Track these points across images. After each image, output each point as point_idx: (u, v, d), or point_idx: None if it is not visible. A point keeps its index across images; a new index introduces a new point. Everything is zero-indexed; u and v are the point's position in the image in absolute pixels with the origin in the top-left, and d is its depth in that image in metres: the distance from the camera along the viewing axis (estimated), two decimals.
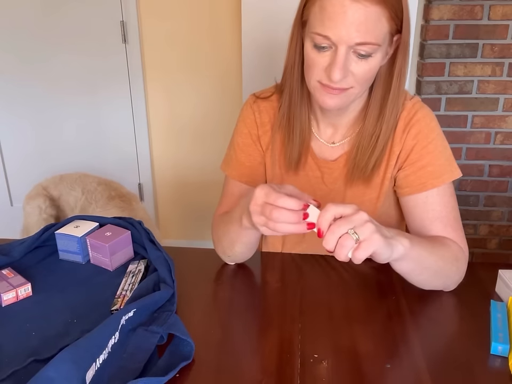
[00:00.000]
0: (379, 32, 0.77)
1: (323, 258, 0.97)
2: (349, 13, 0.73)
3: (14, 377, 0.66)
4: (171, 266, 0.87)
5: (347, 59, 0.78)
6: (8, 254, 0.94)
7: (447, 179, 0.89)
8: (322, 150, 0.98)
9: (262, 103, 1.00)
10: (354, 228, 0.65)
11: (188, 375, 0.67)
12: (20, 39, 2.31)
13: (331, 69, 0.78)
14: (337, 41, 0.76)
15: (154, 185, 2.59)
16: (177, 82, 2.36)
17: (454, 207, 0.91)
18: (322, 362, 0.70)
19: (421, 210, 0.91)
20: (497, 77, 2.11)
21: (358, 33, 0.75)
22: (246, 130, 1.00)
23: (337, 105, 0.84)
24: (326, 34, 0.76)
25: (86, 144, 2.50)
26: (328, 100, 0.83)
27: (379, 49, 0.79)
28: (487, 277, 0.92)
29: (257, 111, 1.00)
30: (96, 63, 2.33)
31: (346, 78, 0.80)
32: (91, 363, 0.63)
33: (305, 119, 0.94)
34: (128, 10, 2.23)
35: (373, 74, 0.83)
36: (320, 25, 0.76)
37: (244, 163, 1.01)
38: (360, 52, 0.77)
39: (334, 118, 0.95)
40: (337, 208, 0.66)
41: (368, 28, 0.75)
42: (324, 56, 0.79)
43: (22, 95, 2.41)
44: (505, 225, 2.35)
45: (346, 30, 0.74)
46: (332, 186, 0.98)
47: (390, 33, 0.80)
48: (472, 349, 0.73)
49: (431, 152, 0.89)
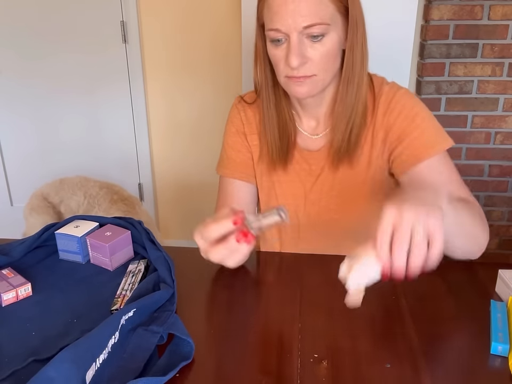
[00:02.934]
0: (324, 12, 0.80)
1: (322, 258, 0.97)
2: (289, 1, 0.79)
3: (14, 377, 0.66)
4: (171, 266, 0.87)
5: (301, 44, 0.82)
6: (8, 254, 0.94)
7: (441, 148, 0.91)
8: (307, 143, 1.00)
9: (247, 106, 1.04)
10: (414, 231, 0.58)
11: (188, 375, 0.67)
12: (20, 39, 2.31)
13: (288, 58, 0.83)
14: (286, 30, 0.81)
15: (154, 185, 2.59)
16: (177, 82, 2.36)
17: (456, 172, 0.93)
18: (322, 362, 0.70)
19: (426, 181, 0.91)
20: (497, 77, 2.11)
21: (302, 17, 0.79)
22: (233, 129, 1.05)
23: (307, 92, 0.88)
24: (276, 28, 0.81)
25: (86, 144, 2.50)
26: (298, 88, 0.87)
27: (330, 28, 0.82)
28: (487, 277, 0.92)
29: (242, 110, 1.04)
30: (96, 63, 2.33)
31: (306, 65, 0.83)
32: (91, 363, 0.63)
33: (287, 116, 0.97)
34: (128, 10, 2.23)
35: (331, 57, 0.85)
36: (270, 21, 0.83)
37: (234, 160, 1.04)
38: (311, 34, 0.81)
39: (314, 110, 0.98)
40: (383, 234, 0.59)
41: (311, 10, 0.79)
42: (282, 50, 0.84)
43: (22, 95, 2.41)
44: (505, 225, 2.35)
45: (292, 18, 0.80)
46: (320, 176, 1.00)
47: (340, 13, 0.83)
48: (472, 349, 0.73)
49: (419, 125, 0.91)
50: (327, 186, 1.00)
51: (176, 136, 2.47)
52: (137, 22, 2.25)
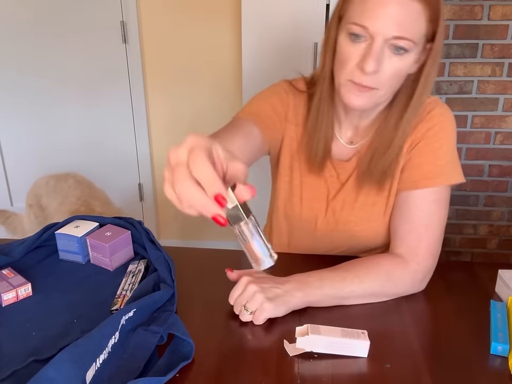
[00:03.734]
0: (417, 30, 0.77)
1: (324, 258, 0.97)
2: (391, 5, 0.74)
3: (14, 377, 0.66)
4: (171, 266, 0.87)
5: (382, 52, 0.77)
6: (8, 254, 0.94)
7: (441, 182, 0.86)
8: (340, 150, 0.97)
9: (297, 92, 0.98)
10: (247, 303, 0.76)
11: (188, 375, 0.67)
12: (20, 39, 2.31)
13: (365, 60, 0.77)
14: (374, 32, 0.76)
15: (154, 185, 2.59)
16: (177, 82, 2.36)
17: (431, 213, 0.87)
18: (323, 363, 0.70)
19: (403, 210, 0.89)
20: (497, 77, 2.11)
21: (397, 26, 0.75)
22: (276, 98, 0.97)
23: (362, 105, 0.83)
24: (363, 24, 0.76)
25: (86, 144, 2.50)
26: (354, 99, 0.82)
27: (413, 48, 0.78)
28: (487, 277, 0.92)
29: (291, 93, 0.97)
30: (96, 63, 2.33)
31: (376, 75, 0.79)
32: (91, 363, 0.63)
33: (330, 120, 0.93)
34: (128, 10, 2.23)
35: (401, 75, 0.81)
36: (359, 15, 0.76)
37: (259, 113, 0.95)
38: (396, 44, 0.76)
39: (357, 120, 0.94)
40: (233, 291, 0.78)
41: (407, 23, 0.75)
42: (358, 49, 0.79)
43: (22, 94, 2.41)
44: (505, 225, 2.35)
45: (386, 22, 0.74)
46: (345, 186, 0.96)
47: (425, 37, 0.79)
48: (472, 349, 0.73)
49: (434, 151, 0.87)
50: (350, 196, 0.96)
51: (176, 136, 2.47)
52: (137, 22, 2.25)
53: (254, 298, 0.76)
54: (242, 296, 0.77)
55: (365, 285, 0.82)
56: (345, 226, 0.97)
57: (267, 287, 0.77)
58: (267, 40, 1.96)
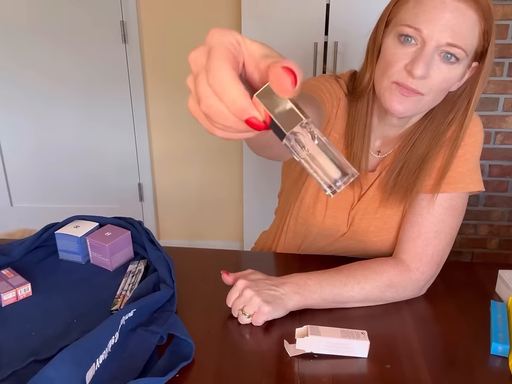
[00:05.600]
0: (470, 41, 0.74)
1: (324, 258, 0.97)
2: (447, 10, 0.72)
3: (14, 377, 0.66)
4: (171, 266, 0.86)
5: (432, 58, 0.75)
6: (8, 254, 0.94)
7: (459, 188, 0.85)
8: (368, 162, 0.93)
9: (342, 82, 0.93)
10: (244, 307, 0.76)
11: (187, 375, 0.67)
12: (19, 39, 2.31)
13: (415, 62, 0.74)
14: (428, 35, 0.73)
15: (154, 185, 2.59)
16: (177, 82, 2.36)
17: (444, 220, 0.85)
18: (323, 363, 0.70)
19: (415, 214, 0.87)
20: (497, 77, 2.11)
21: (451, 32, 0.73)
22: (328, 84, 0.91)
23: (404, 111, 0.80)
24: (418, 27, 0.73)
25: (86, 144, 2.49)
26: (396, 103, 0.79)
27: (464, 59, 0.76)
28: (487, 277, 0.92)
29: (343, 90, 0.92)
30: (96, 63, 2.33)
31: (423, 80, 0.76)
32: (91, 363, 0.63)
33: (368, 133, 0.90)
34: (128, 10, 2.23)
35: (448, 85, 0.79)
36: (414, 17, 0.74)
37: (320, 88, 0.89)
38: (448, 52, 0.74)
39: (388, 129, 0.91)
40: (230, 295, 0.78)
41: (463, 31, 0.73)
42: (407, 52, 0.76)
43: (22, 95, 2.41)
44: (505, 225, 2.35)
45: (441, 27, 0.72)
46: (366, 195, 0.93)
47: (475, 53, 0.77)
48: (472, 349, 0.73)
49: (457, 157, 0.85)
50: (371, 207, 0.93)
51: (176, 136, 2.47)
52: (137, 22, 2.25)
53: (251, 303, 0.76)
54: (239, 300, 0.77)
55: (365, 291, 0.81)
56: (364, 237, 0.94)
57: (264, 290, 0.77)
58: (267, 40, 1.96)
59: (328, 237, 0.98)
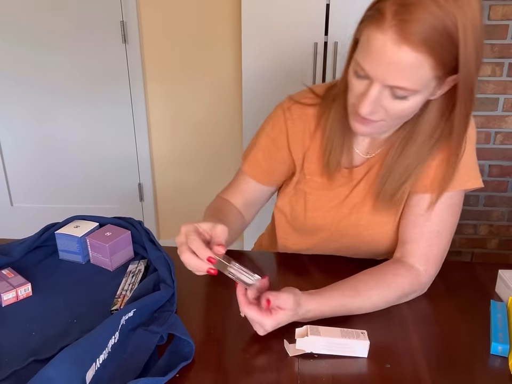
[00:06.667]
0: (419, 79, 0.71)
1: (325, 258, 0.97)
2: (388, 54, 0.69)
3: (14, 377, 0.66)
4: (171, 266, 0.87)
5: (380, 95, 0.74)
6: (8, 254, 0.94)
7: (455, 186, 0.85)
8: (354, 160, 0.93)
9: (298, 110, 0.94)
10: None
11: (187, 375, 0.67)
12: (19, 39, 2.31)
13: (360, 101, 0.76)
14: (373, 77, 0.73)
15: (154, 185, 2.59)
16: (177, 82, 2.36)
17: (444, 219, 0.85)
18: (323, 362, 0.70)
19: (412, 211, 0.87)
20: (497, 77, 2.11)
21: (394, 76, 0.71)
22: (272, 135, 0.96)
23: (367, 133, 0.82)
24: (364, 67, 0.73)
25: (86, 144, 2.49)
26: (358, 126, 0.80)
27: (418, 93, 0.74)
28: (487, 277, 0.92)
29: (289, 119, 0.94)
30: (96, 63, 2.33)
31: (376, 113, 0.76)
32: (91, 363, 0.63)
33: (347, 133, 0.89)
34: (128, 10, 2.23)
35: (409, 113, 0.78)
36: (363, 56, 0.73)
37: (260, 164, 0.97)
38: (395, 93, 0.73)
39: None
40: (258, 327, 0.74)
41: (406, 73, 0.70)
42: (361, 84, 0.76)
43: (22, 95, 2.41)
44: (505, 225, 2.35)
45: (383, 70, 0.71)
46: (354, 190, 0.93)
47: (437, 78, 0.73)
48: (472, 349, 0.73)
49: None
50: (360, 201, 0.93)
51: (176, 136, 2.47)
52: (137, 22, 2.25)
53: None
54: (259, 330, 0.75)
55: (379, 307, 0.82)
56: (355, 231, 0.95)
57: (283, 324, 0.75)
58: (267, 40, 1.96)
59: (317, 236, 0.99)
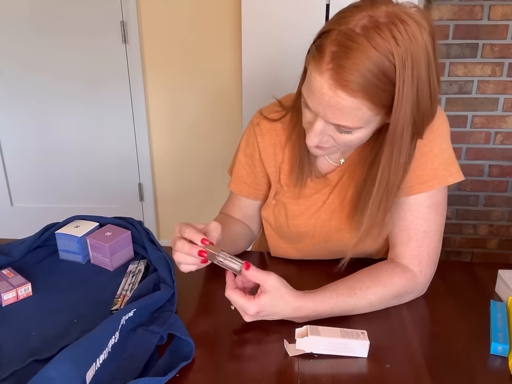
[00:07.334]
0: (359, 118, 0.71)
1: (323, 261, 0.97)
2: (325, 97, 0.70)
3: (14, 377, 0.66)
4: (171, 266, 0.86)
5: (326, 128, 0.75)
6: (8, 254, 0.94)
7: (436, 184, 0.84)
8: (326, 167, 0.93)
9: (267, 125, 0.95)
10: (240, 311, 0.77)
11: (187, 375, 0.67)
12: (20, 39, 2.31)
13: (308, 132, 0.77)
14: (316, 113, 0.73)
15: (154, 185, 2.59)
16: (177, 82, 2.36)
17: (429, 219, 0.84)
18: (323, 362, 0.70)
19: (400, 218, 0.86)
20: (497, 77, 2.11)
21: (334, 116, 0.71)
22: (248, 151, 0.98)
23: (323, 154, 0.82)
24: (307, 103, 0.74)
25: (86, 144, 2.50)
26: (313, 149, 0.81)
27: (362, 128, 0.74)
28: (487, 277, 0.92)
29: (259, 134, 0.95)
30: (96, 63, 2.33)
31: (326, 142, 0.77)
32: (91, 363, 0.63)
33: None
34: (128, 10, 2.23)
35: (358, 142, 0.77)
36: (306, 91, 0.74)
37: (245, 180, 0.99)
38: (339, 128, 0.74)
39: None
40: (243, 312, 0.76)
41: (345, 115, 0.71)
42: (309, 113, 0.77)
43: (22, 94, 2.41)
44: (505, 225, 2.35)
45: (323, 110, 0.71)
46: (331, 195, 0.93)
47: (379, 114, 0.72)
48: (472, 349, 0.73)
49: (424, 155, 0.83)
50: (337, 207, 0.93)
51: (176, 136, 2.47)
52: (137, 22, 2.25)
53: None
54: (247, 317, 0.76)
55: (375, 307, 0.82)
56: (337, 235, 0.94)
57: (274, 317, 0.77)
58: (267, 39, 1.96)
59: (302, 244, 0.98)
